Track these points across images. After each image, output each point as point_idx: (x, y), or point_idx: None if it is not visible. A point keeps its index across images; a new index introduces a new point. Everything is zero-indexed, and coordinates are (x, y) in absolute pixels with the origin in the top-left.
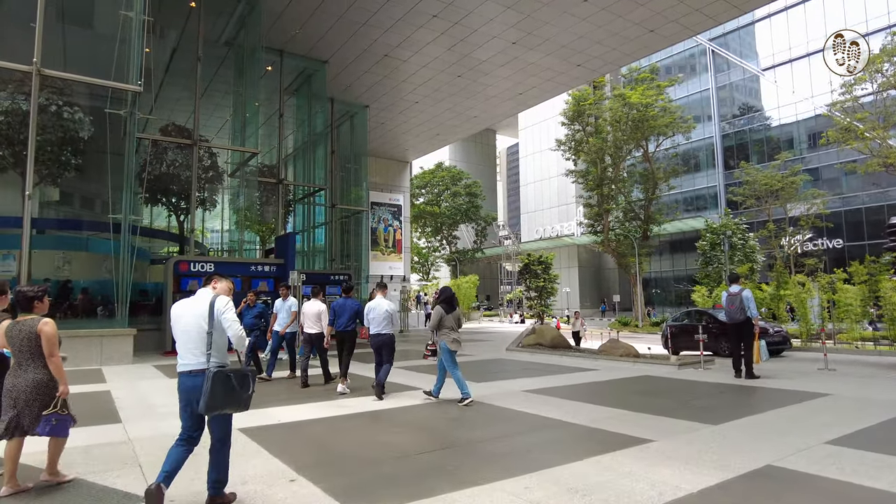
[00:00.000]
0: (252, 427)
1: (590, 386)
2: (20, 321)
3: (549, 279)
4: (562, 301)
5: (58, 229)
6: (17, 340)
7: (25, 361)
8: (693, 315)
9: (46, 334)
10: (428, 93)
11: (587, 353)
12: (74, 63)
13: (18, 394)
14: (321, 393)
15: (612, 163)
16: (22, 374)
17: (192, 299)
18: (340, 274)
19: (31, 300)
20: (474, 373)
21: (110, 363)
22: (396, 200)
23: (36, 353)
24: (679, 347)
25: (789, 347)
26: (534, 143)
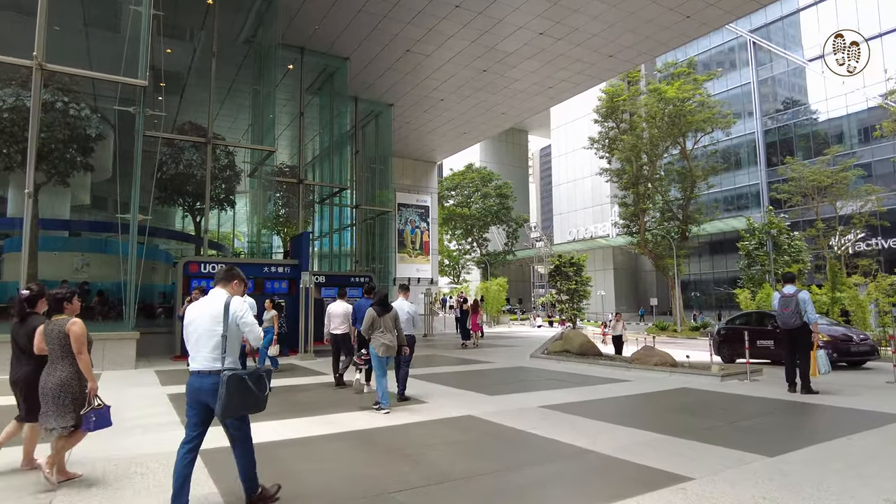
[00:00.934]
0: (212, 448)
1: (618, 401)
2: (52, 321)
3: (581, 281)
4: (596, 304)
5: (75, 231)
6: (49, 340)
7: (56, 360)
8: (753, 317)
9: (74, 333)
10: (453, 89)
11: (618, 362)
12: (83, 60)
13: (47, 390)
14: (320, 405)
15: (648, 160)
16: (52, 372)
17: (205, 300)
18: (361, 276)
19: (60, 301)
20: (488, 384)
21: (113, 368)
22: (424, 202)
23: (66, 352)
24: (735, 354)
25: (876, 357)
26: (566, 142)
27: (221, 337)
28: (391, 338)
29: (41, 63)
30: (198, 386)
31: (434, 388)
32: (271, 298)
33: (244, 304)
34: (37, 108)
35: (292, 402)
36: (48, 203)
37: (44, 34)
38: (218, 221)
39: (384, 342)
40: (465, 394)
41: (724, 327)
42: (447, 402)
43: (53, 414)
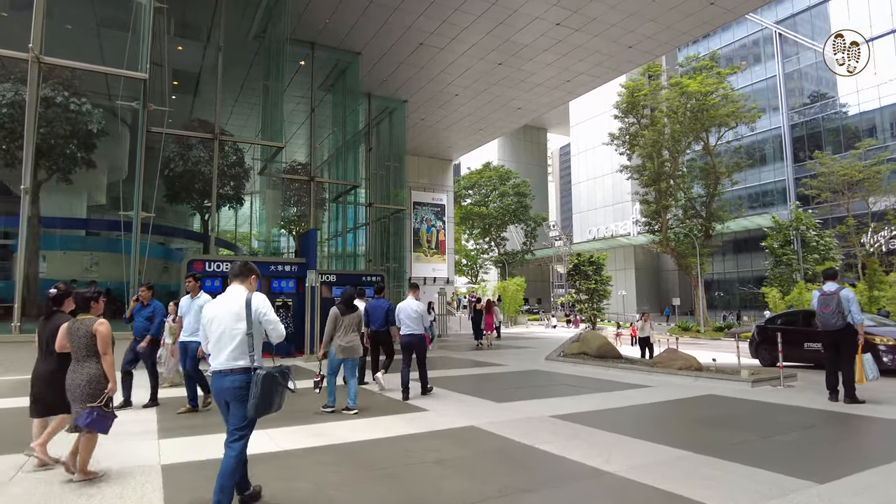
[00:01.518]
0: (177, 464)
1: (637, 410)
2: (79, 320)
3: (601, 281)
4: (617, 304)
5: (78, 229)
6: (75, 338)
7: (82, 358)
8: (800, 317)
9: (101, 334)
10: (467, 84)
11: (640, 365)
12: (90, 55)
13: (74, 388)
14: (310, 413)
15: (670, 157)
16: (78, 370)
17: (225, 297)
18: (373, 275)
19: (87, 301)
20: (497, 389)
21: None
22: (440, 200)
23: (91, 351)
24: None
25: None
26: (586, 139)
27: (246, 335)
28: (351, 339)
29: (38, 56)
30: (219, 386)
31: (438, 394)
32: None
33: (266, 300)
34: (34, 102)
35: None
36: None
37: (41, 27)
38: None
39: (341, 343)
40: (471, 400)
41: (765, 326)
42: (449, 410)
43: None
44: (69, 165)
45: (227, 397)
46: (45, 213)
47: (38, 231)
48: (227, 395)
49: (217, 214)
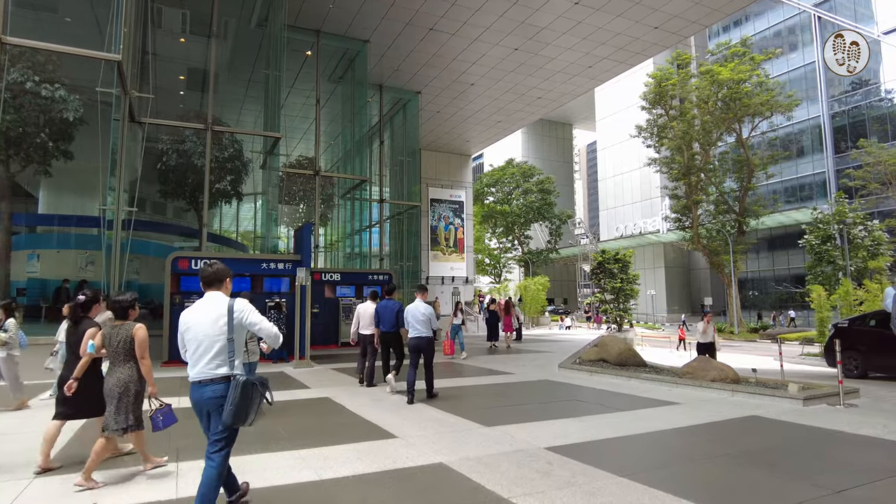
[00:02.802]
0: None
1: (659, 439)
2: (119, 325)
3: (627, 279)
4: (645, 304)
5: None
6: (114, 343)
7: (119, 362)
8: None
9: (140, 338)
10: (483, 72)
11: (665, 375)
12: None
13: (109, 390)
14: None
15: (701, 149)
16: (114, 373)
17: (204, 303)
18: (380, 273)
19: (126, 309)
20: (492, 407)
21: None
22: (458, 197)
23: (129, 355)
24: (871, 366)
25: None
26: (612, 133)
27: (227, 341)
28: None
29: (0, 36)
30: (198, 397)
31: (420, 411)
32: (276, 301)
33: (246, 302)
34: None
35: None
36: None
37: (5, 4)
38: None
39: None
40: (455, 422)
41: (849, 328)
42: (424, 436)
43: (113, 414)
44: (42, 156)
45: (208, 408)
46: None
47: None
48: (208, 406)
49: (216, 209)
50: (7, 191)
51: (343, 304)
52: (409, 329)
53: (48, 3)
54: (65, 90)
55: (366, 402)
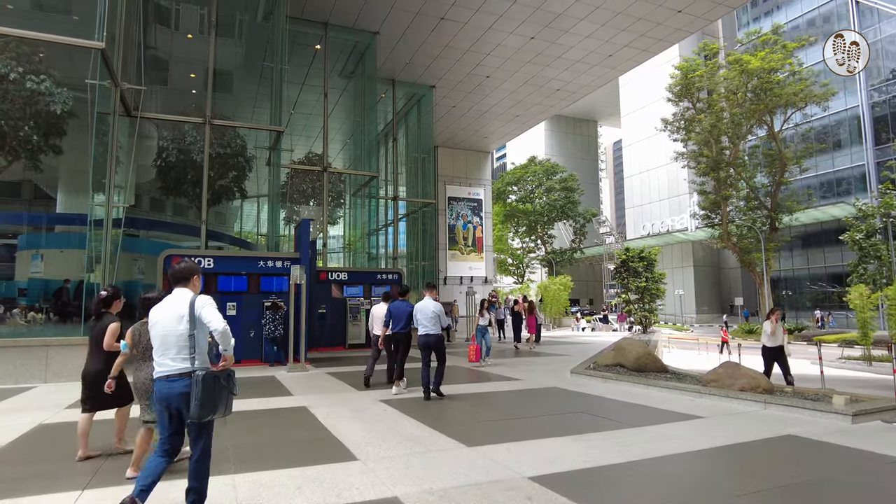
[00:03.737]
0: None
1: (673, 465)
2: (146, 323)
3: (653, 278)
4: (673, 305)
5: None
6: (143, 339)
7: (148, 358)
8: None
9: None
10: (498, 63)
11: (688, 383)
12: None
13: (138, 385)
14: None
15: (730, 143)
16: (144, 369)
17: (169, 299)
18: (389, 272)
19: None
20: (483, 420)
21: (58, 380)
22: (476, 195)
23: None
24: None
25: None
26: (638, 129)
27: (188, 336)
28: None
29: None
30: (167, 392)
31: (398, 425)
32: (273, 301)
33: (210, 301)
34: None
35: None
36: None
37: None
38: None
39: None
40: (434, 440)
41: None
42: (388, 460)
43: (146, 408)
44: (26, 150)
45: (176, 403)
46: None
47: None
48: (176, 401)
49: (223, 207)
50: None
51: (350, 305)
52: (419, 327)
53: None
54: (51, 82)
55: (344, 413)
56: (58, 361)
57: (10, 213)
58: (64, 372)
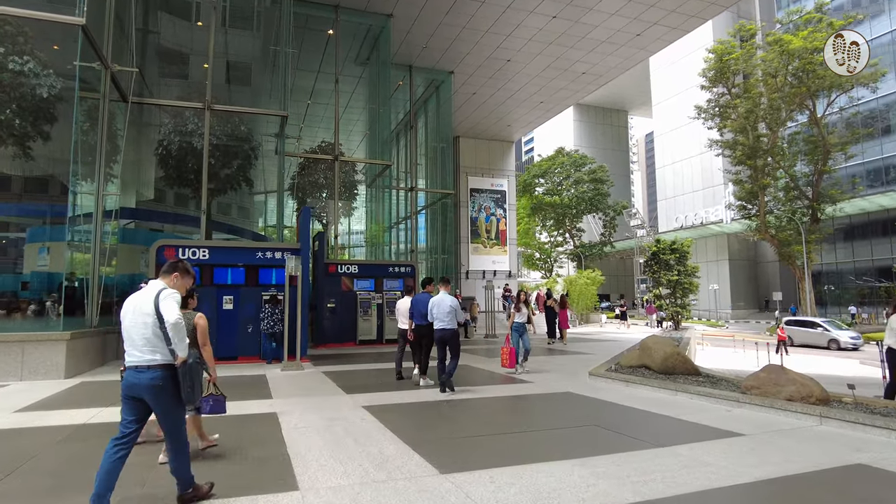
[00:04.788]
0: None
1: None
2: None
3: (685, 271)
4: (707, 300)
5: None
6: None
7: None
8: None
9: (201, 327)
10: (519, 45)
11: (724, 388)
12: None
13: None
14: None
15: (768, 129)
16: None
17: (142, 291)
18: (402, 265)
19: (184, 298)
20: (474, 436)
21: (34, 377)
22: (499, 186)
23: (192, 343)
24: None
25: None
26: (670, 118)
27: (161, 329)
28: None
29: None
30: (134, 381)
31: (369, 439)
32: (272, 294)
33: (172, 294)
34: None
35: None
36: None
37: None
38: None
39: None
40: (402, 464)
41: None
42: (335, 491)
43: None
44: (11, 136)
45: (142, 394)
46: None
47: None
48: (142, 391)
49: (230, 197)
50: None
51: (361, 299)
52: (435, 322)
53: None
54: (35, 63)
55: (315, 424)
56: (34, 358)
57: None
58: (41, 369)
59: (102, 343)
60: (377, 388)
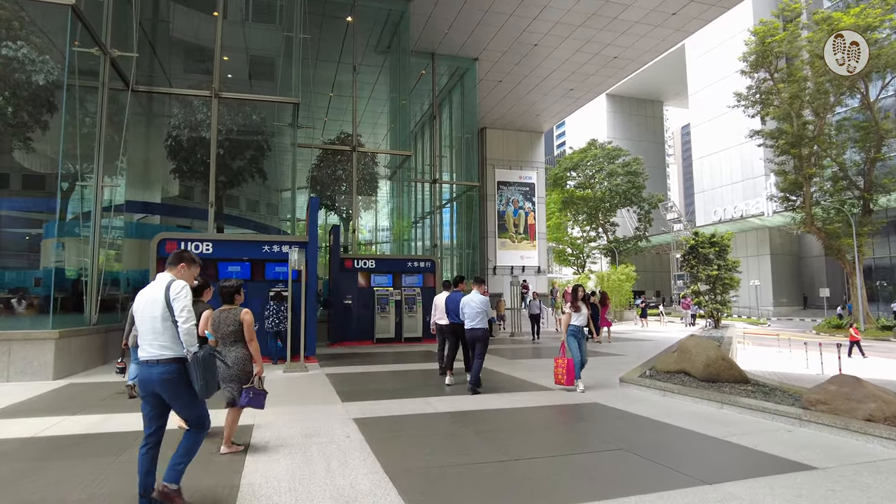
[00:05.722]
0: None
1: None
2: (227, 310)
3: (725, 266)
4: (748, 297)
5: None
6: (223, 326)
7: (229, 344)
8: None
9: (247, 322)
10: (546, 28)
11: (780, 400)
12: None
13: (224, 371)
14: None
15: (815, 115)
16: (229, 354)
17: (152, 284)
18: (421, 260)
19: (232, 294)
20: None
21: (21, 378)
22: (528, 179)
23: (238, 337)
24: None
25: None
26: (707, 108)
27: (170, 322)
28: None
29: None
30: (146, 376)
31: (344, 466)
32: (277, 291)
33: (183, 286)
34: None
35: None
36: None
37: None
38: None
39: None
40: (372, 503)
41: None
42: None
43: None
44: (5, 126)
45: (156, 389)
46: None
47: None
48: (156, 385)
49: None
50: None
51: (378, 295)
52: (465, 320)
53: None
54: (30, 48)
55: (290, 441)
56: (21, 358)
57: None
58: (28, 370)
59: (103, 342)
60: (379, 396)
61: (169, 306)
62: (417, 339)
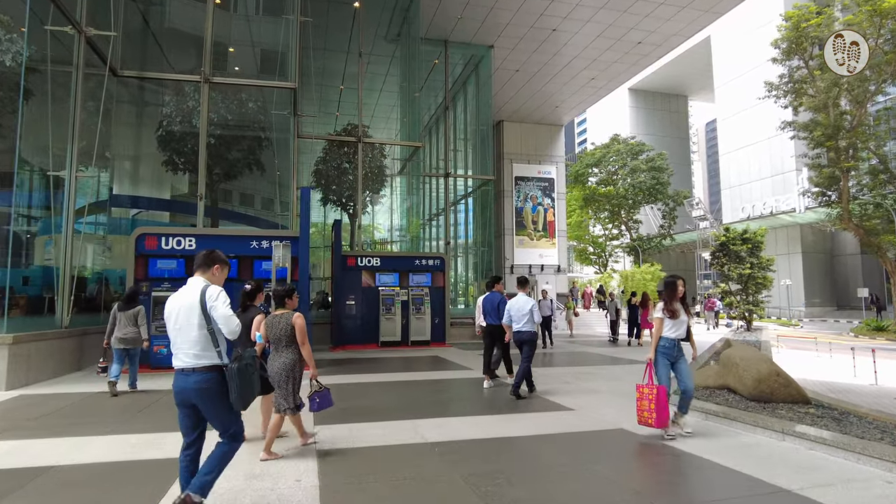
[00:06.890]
0: None
1: None
2: (279, 314)
3: (758, 265)
4: (779, 297)
5: None
6: (275, 330)
7: (281, 347)
8: None
9: (300, 326)
10: (565, 11)
11: (860, 430)
12: None
13: (275, 374)
14: None
15: (853, 104)
16: (278, 358)
17: (184, 289)
18: (429, 257)
19: (283, 297)
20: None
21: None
22: (547, 174)
23: (290, 341)
24: None
25: None
26: (735, 101)
27: (207, 330)
28: (128, 331)
29: None
30: (182, 385)
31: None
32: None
33: (220, 291)
34: None
35: None
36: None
37: None
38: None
39: (119, 335)
40: None
41: None
42: None
43: (281, 395)
44: None
45: (192, 398)
46: None
47: None
48: (191, 396)
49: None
50: None
51: (384, 295)
52: (513, 324)
53: None
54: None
55: (223, 484)
56: None
57: None
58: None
59: (77, 346)
60: (365, 416)
61: (206, 314)
62: (425, 342)
